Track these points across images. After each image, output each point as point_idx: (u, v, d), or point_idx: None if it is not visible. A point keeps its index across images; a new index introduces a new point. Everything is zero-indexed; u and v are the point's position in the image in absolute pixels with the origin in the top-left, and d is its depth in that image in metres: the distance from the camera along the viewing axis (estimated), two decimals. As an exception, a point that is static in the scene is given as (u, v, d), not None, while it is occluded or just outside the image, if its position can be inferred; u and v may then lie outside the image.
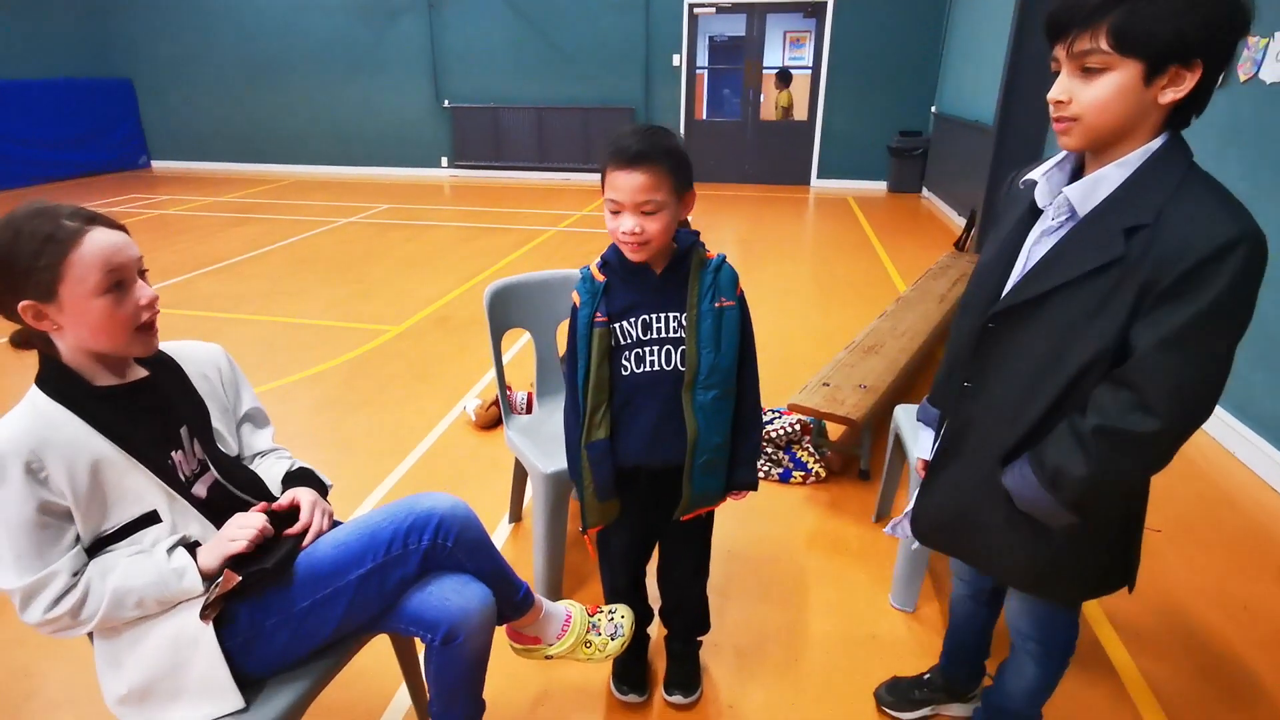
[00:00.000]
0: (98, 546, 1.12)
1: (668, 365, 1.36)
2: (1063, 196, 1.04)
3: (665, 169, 1.25)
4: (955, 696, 1.64)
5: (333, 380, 3.42)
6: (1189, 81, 0.91)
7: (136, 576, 1.09)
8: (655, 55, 9.10)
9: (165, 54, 10.11)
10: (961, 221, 6.67)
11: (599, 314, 1.34)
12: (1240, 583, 2.09)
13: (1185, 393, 0.94)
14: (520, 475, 2.25)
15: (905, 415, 2.10)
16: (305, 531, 1.22)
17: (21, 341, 1.14)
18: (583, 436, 1.39)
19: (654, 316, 1.35)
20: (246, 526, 1.16)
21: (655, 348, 1.36)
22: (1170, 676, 1.77)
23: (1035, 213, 1.11)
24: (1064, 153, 1.08)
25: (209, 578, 1.13)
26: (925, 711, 1.64)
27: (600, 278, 1.35)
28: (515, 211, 7.54)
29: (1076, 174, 1.07)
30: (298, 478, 1.32)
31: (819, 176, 9.38)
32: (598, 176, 1.33)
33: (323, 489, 1.33)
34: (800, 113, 9.37)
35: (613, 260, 1.35)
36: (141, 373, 1.21)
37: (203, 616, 1.10)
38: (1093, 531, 1.11)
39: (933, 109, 8.70)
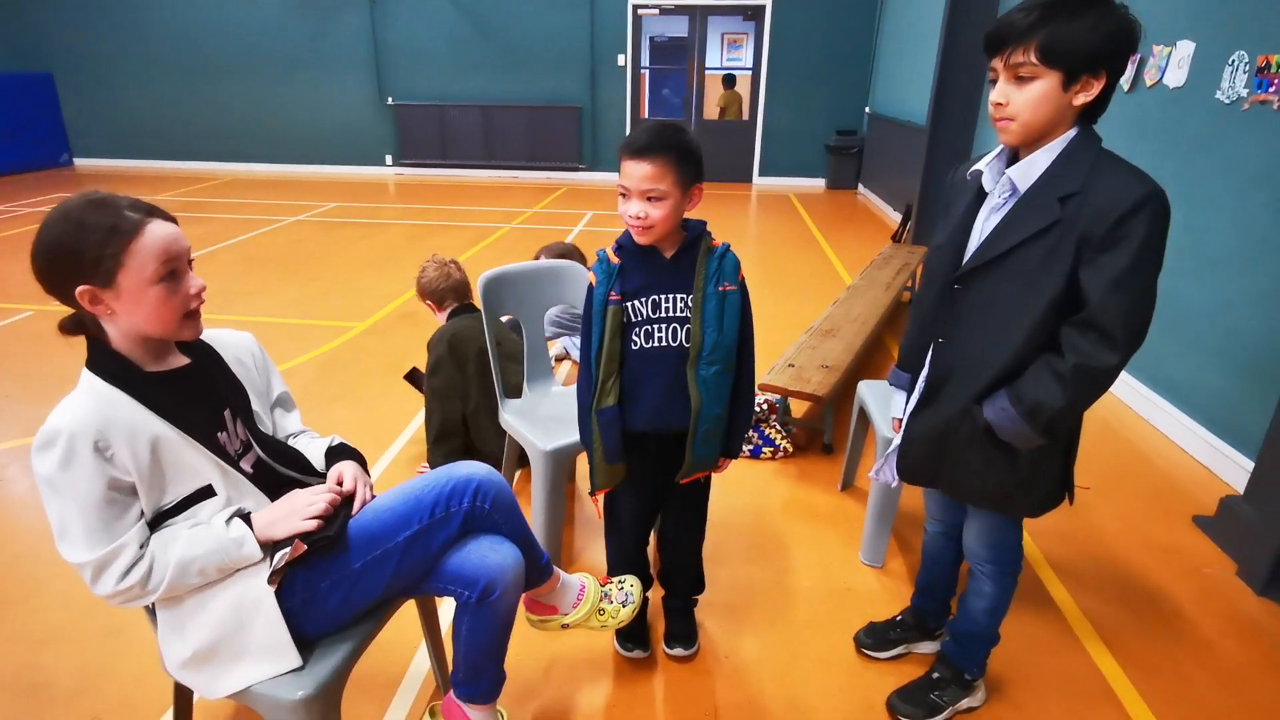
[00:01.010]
0: (158, 521, 1.19)
1: (674, 342, 1.51)
2: (1005, 177, 1.27)
3: (670, 161, 1.39)
4: (926, 634, 1.84)
5: (305, 377, 3.44)
6: (1095, 88, 1.17)
7: (198, 546, 1.17)
8: (600, 55, 9.22)
9: (88, 47, 9.66)
10: (896, 215, 7.03)
11: (613, 293, 1.47)
12: (1159, 528, 2.38)
13: (1134, 324, 1.18)
14: (512, 456, 2.35)
15: (868, 389, 2.31)
16: (352, 499, 1.32)
17: (72, 327, 1.20)
18: (593, 404, 1.53)
19: (663, 297, 1.49)
20: (316, 504, 1.24)
21: (663, 325, 1.50)
22: (1105, 609, 2.01)
23: (982, 196, 1.34)
24: (999, 147, 1.32)
25: (267, 547, 1.22)
26: (899, 650, 1.84)
27: (615, 260, 1.49)
28: (465, 209, 7.55)
29: (1012, 162, 1.29)
30: (339, 452, 1.41)
31: (760, 174, 9.68)
32: (546, 174, 1.48)
33: (362, 461, 1.43)
34: (734, 113, 9.64)
35: (627, 244, 1.49)
36: (184, 359, 1.27)
37: (270, 581, 1.19)
38: (1048, 456, 1.34)
39: (867, 109, 9.10)
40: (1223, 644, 1.89)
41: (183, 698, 1.42)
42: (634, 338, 1.50)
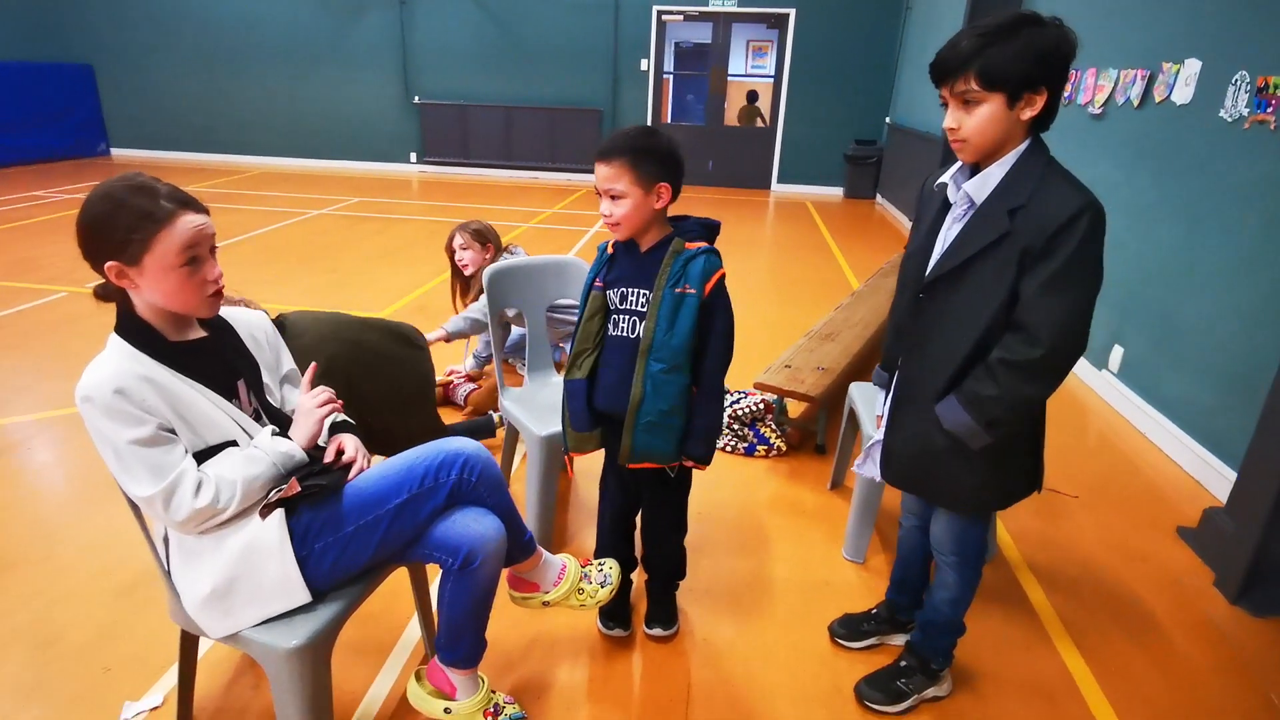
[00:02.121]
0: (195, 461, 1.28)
1: (631, 334, 1.59)
2: (963, 191, 1.35)
3: (626, 163, 1.49)
4: (898, 627, 1.90)
5: (318, 363, 3.57)
6: (1039, 102, 1.25)
7: (259, 464, 1.29)
8: (623, 59, 9.34)
9: (127, 40, 9.96)
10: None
11: (598, 280, 1.59)
12: (1139, 537, 2.42)
13: (1059, 323, 1.24)
14: (510, 441, 2.44)
15: (859, 391, 2.37)
16: (351, 466, 1.41)
17: (104, 294, 1.31)
18: (566, 373, 1.65)
19: (630, 290, 1.58)
20: (324, 409, 1.42)
21: (626, 316, 1.60)
22: (1077, 610, 2.06)
23: (947, 206, 1.42)
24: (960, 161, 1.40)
25: (308, 449, 1.38)
26: (872, 641, 1.90)
27: (610, 251, 1.60)
28: (485, 207, 7.68)
29: (974, 172, 1.36)
30: (341, 427, 1.51)
31: (779, 181, 9.74)
32: (564, 175, 1.59)
33: (361, 437, 1.52)
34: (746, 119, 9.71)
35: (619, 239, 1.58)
36: (202, 333, 1.38)
37: (262, 514, 1.29)
38: (1012, 454, 1.42)
39: (887, 120, 9.12)
40: (1188, 648, 1.93)
41: (188, 647, 1.52)
42: (609, 324, 1.61)
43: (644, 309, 1.57)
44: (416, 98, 9.74)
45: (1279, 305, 2.45)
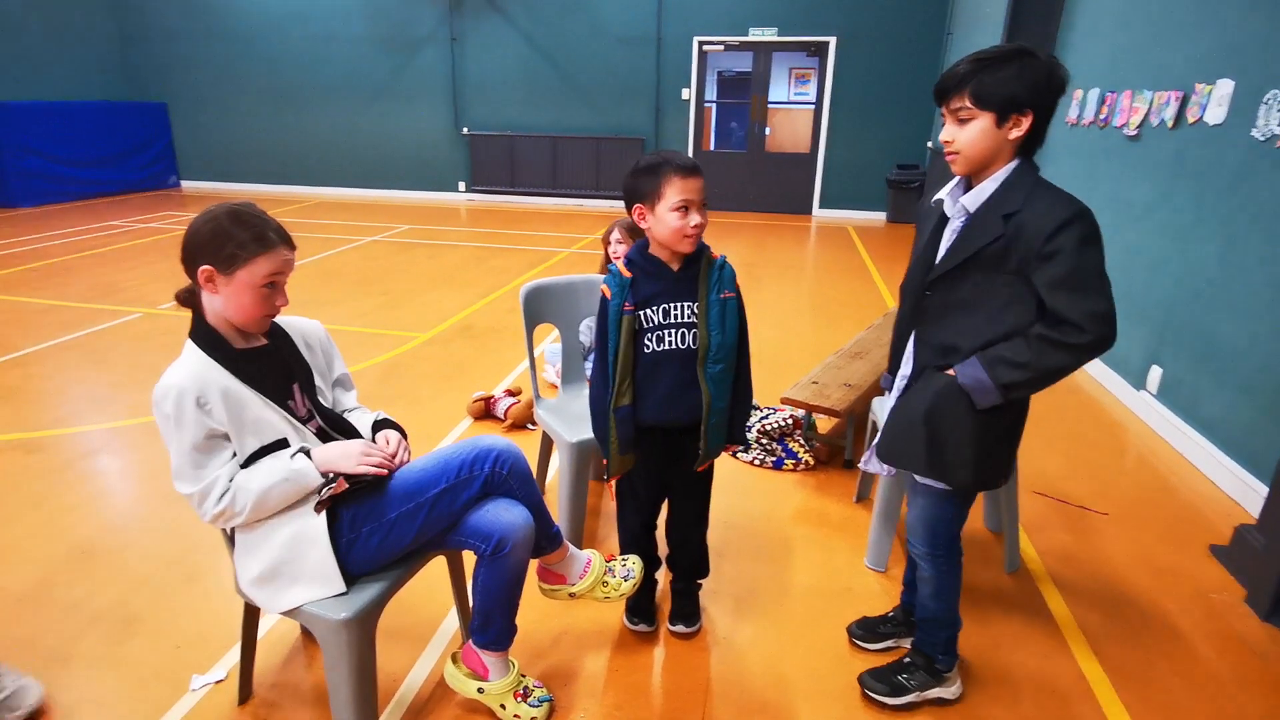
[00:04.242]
0: (249, 462, 1.44)
1: (683, 344, 1.71)
2: (959, 204, 1.47)
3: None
4: (913, 630, 1.95)
5: (369, 378, 3.78)
6: (1025, 124, 1.37)
7: (273, 476, 1.42)
8: (665, 88, 9.59)
9: (198, 80, 10.66)
10: (953, 249, 7.03)
11: (627, 304, 1.68)
12: (1169, 554, 2.41)
13: (1090, 311, 1.32)
14: (544, 450, 2.58)
15: (880, 405, 2.44)
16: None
17: (185, 300, 1.49)
18: (611, 403, 1.73)
19: (673, 305, 1.70)
20: (372, 456, 1.51)
21: (674, 330, 1.70)
22: (1098, 620, 2.08)
23: (945, 220, 1.54)
24: (957, 178, 1.52)
25: (325, 475, 1.47)
26: (888, 643, 1.95)
27: (627, 274, 1.69)
28: (529, 234, 7.94)
29: (968, 189, 1.48)
30: (384, 424, 1.66)
31: (820, 206, 9.80)
32: (608, 203, 1.70)
33: (403, 433, 1.67)
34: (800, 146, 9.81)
35: (637, 259, 1.70)
36: (263, 341, 1.55)
37: (316, 509, 1.44)
38: (992, 444, 1.50)
39: (929, 144, 9.13)
40: (1213, 660, 1.93)
41: (250, 621, 1.68)
42: (646, 342, 1.70)
43: (692, 319, 1.69)
44: (465, 129, 10.15)
45: (1311, 321, 2.44)
